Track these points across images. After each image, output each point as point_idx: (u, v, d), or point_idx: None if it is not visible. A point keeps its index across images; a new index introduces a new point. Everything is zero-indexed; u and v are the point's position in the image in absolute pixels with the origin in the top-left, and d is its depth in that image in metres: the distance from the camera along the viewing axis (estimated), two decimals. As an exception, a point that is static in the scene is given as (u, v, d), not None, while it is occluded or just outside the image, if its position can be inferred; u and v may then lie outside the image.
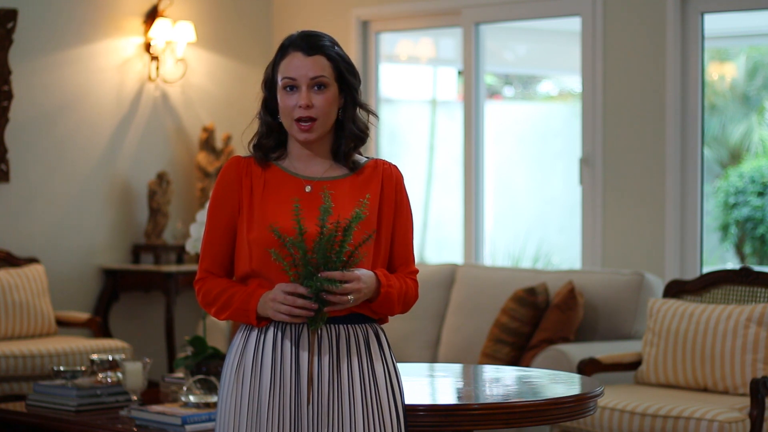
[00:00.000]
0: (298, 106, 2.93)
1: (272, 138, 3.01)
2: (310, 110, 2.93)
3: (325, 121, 2.96)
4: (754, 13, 7.86)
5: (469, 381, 4.12)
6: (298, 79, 2.94)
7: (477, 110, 7.44)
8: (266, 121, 3.01)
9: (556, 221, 10.24)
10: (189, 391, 4.89)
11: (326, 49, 2.96)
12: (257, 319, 2.92)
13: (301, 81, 2.94)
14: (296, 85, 2.94)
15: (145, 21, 7.79)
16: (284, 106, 2.95)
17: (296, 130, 2.95)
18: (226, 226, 2.99)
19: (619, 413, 5.08)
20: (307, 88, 2.93)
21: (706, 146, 9.36)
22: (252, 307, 2.91)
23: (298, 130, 2.94)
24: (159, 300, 7.83)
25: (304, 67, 2.94)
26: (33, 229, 7.35)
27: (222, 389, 2.97)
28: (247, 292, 2.93)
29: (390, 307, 2.96)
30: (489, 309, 6.30)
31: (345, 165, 3.00)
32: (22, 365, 6.47)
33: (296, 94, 2.94)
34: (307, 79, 2.93)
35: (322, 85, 2.94)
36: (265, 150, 3.01)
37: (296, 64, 2.94)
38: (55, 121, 7.45)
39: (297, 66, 2.94)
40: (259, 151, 3.01)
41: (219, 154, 7.95)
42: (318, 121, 2.94)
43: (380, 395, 2.92)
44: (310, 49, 2.95)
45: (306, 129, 2.94)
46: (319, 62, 2.95)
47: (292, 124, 2.95)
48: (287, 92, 2.95)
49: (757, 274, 5.51)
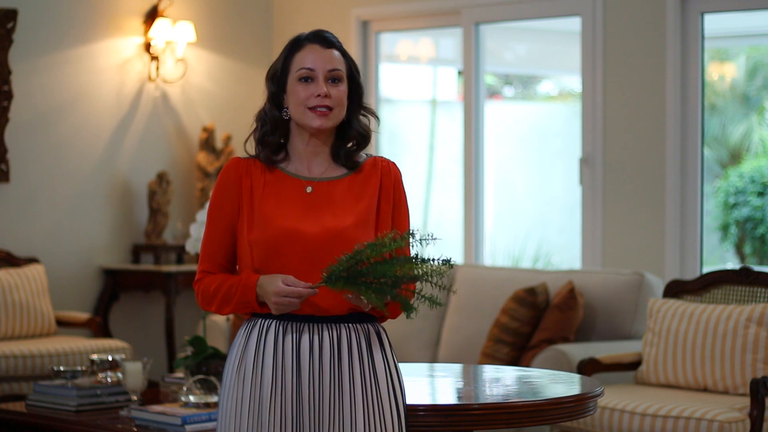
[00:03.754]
0: (315, 96, 2.93)
1: (277, 134, 3.01)
2: (326, 100, 2.94)
3: (339, 112, 2.97)
4: (754, 13, 7.86)
5: (469, 381, 4.12)
6: (316, 70, 2.95)
7: (477, 110, 7.44)
8: (273, 116, 3.00)
9: (556, 221, 10.24)
10: (189, 391, 4.89)
11: (340, 47, 3.01)
12: (259, 305, 2.92)
13: (318, 72, 2.95)
14: (313, 76, 2.95)
15: (145, 21, 7.79)
16: (298, 97, 2.95)
17: (311, 118, 2.94)
18: (226, 228, 2.99)
19: (619, 413, 5.08)
20: (324, 80, 2.95)
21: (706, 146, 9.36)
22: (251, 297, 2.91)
23: (315, 117, 2.94)
24: (159, 300, 7.83)
25: (322, 59, 2.96)
26: (33, 229, 7.35)
27: (223, 388, 2.97)
28: (242, 282, 2.92)
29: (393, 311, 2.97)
30: (489, 309, 6.30)
31: (345, 165, 3.00)
32: (22, 365, 6.47)
33: (313, 85, 2.95)
34: (325, 71, 2.95)
35: (337, 78, 2.97)
36: (271, 147, 3.00)
37: (314, 56, 2.96)
38: (55, 121, 7.45)
39: (315, 57, 2.96)
40: (265, 149, 3.00)
41: (219, 154, 7.95)
42: (334, 111, 2.95)
43: (381, 394, 2.93)
44: (327, 43, 2.98)
45: (323, 114, 2.94)
46: (335, 56, 2.98)
47: (306, 113, 2.94)
48: (303, 83, 2.95)
49: (757, 274, 5.51)
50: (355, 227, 2.93)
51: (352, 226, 2.91)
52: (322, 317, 2.92)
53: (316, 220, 2.92)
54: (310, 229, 2.91)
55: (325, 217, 2.94)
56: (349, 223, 2.91)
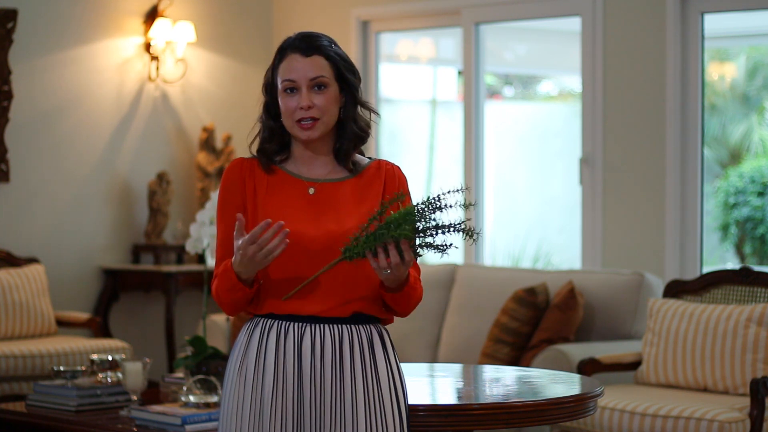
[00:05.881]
0: (299, 108, 2.92)
1: (275, 142, 3.00)
2: (311, 111, 2.93)
3: (328, 119, 2.95)
4: (754, 13, 7.86)
5: (469, 381, 4.12)
6: (297, 81, 2.93)
7: (477, 110, 7.44)
8: (268, 125, 3.00)
9: (556, 221, 10.24)
10: (189, 391, 4.89)
11: (324, 49, 2.96)
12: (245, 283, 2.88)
13: (300, 82, 2.93)
14: (296, 86, 2.94)
15: (145, 21, 7.79)
16: (285, 108, 2.95)
17: (298, 130, 2.95)
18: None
19: (619, 413, 5.08)
20: (308, 89, 2.93)
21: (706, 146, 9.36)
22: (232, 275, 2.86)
23: (301, 130, 2.94)
24: (159, 300, 7.83)
25: (302, 69, 2.93)
26: (33, 229, 7.35)
27: (225, 388, 2.97)
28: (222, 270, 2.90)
29: (404, 306, 2.96)
30: (489, 309, 6.30)
31: (345, 166, 3.00)
32: (22, 365, 6.47)
33: (297, 96, 2.94)
34: (307, 80, 2.93)
35: (321, 85, 2.94)
36: (268, 154, 3.01)
37: (295, 66, 2.94)
38: (55, 121, 7.45)
39: (296, 67, 2.94)
40: (263, 156, 3.00)
41: (219, 154, 7.95)
42: (320, 120, 2.94)
43: (383, 396, 2.92)
44: (308, 50, 2.95)
45: (308, 127, 2.93)
46: (317, 62, 2.94)
47: (294, 125, 2.95)
48: (288, 94, 2.95)
49: (757, 274, 5.51)
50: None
51: (354, 229, 2.90)
52: (325, 318, 2.92)
53: (319, 222, 2.92)
54: (312, 232, 2.91)
55: (328, 219, 2.93)
56: (352, 226, 2.90)
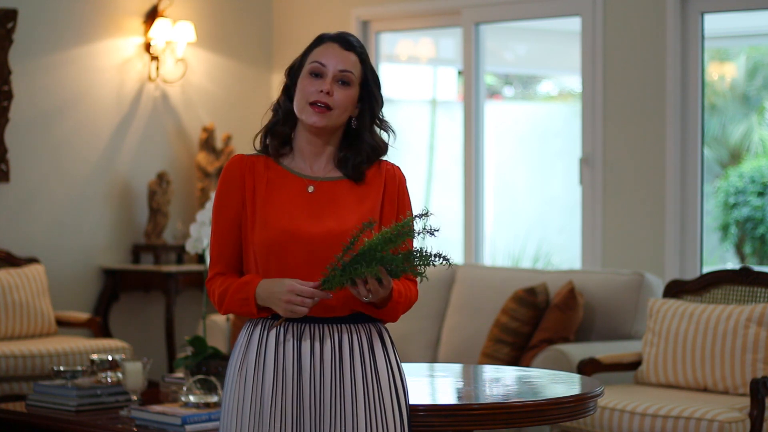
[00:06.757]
0: (318, 91, 2.93)
1: (287, 125, 3.00)
2: (328, 98, 2.93)
3: (339, 115, 2.96)
4: (754, 13, 7.86)
5: (469, 381, 4.12)
6: (327, 66, 2.95)
7: (477, 110, 7.44)
8: (286, 107, 3.01)
9: (556, 221, 10.24)
10: (189, 391, 4.89)
11: (361, 53, 3.00)
12: (257, 308, 2.91)
13: (329, 69, 2.95)
14: (323, 72, 2.95)
15: (145, 21, 7.79)
16: (303, 89, 2.95)
17: (309, 113, 2.94)
18: (232, 225, 2.98)
19: (619, 413, 5.08)
20: (333, 80, 2.94)
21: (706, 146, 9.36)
22: (251, 295, 2.89)
23: (311, 113, 2.93)
24: (159, 300, 7.83)
25: (336, 57, 2.96)
26: (33, 229, 7.35)
27: (226, 388, 2.98)
28: (244, 280, 2.92)
29: (392, 316, 2.97)
30: (489, 309, 6.30)
31: (350, 176, 2.98)
32: (22, 365, 6.47)
33: (320, 81, 2.94)
34: (336, 70, 2.95)
35: (347, 81, 2.96)
36: (279, 138, 3.00)
37: (330, 52, 2.96)
38: (55, 121, 7.45)
39: (330, 54, 2.96)
40: (275, 139, 3.00)
41: (219, 154, 7.96)
42: (332, 111, 2.94)
43: (383, 395, 2.92)
44: (347, 45, 2.98)
45: (320, 111, 2.93)
46: (351, 59, 2.97)
47: (306, 108, 2.94)
48: (311, 77, 2.95)
49: (757, 274, 5.51)
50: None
51: (355, 228, 2.89)
52: (324, 318, 2.92)
53: (318, 220, 2.92)
54: (312, 230, 2.91)
55: (328, 217, 2.93)
56: (352, 225, 2.90)
